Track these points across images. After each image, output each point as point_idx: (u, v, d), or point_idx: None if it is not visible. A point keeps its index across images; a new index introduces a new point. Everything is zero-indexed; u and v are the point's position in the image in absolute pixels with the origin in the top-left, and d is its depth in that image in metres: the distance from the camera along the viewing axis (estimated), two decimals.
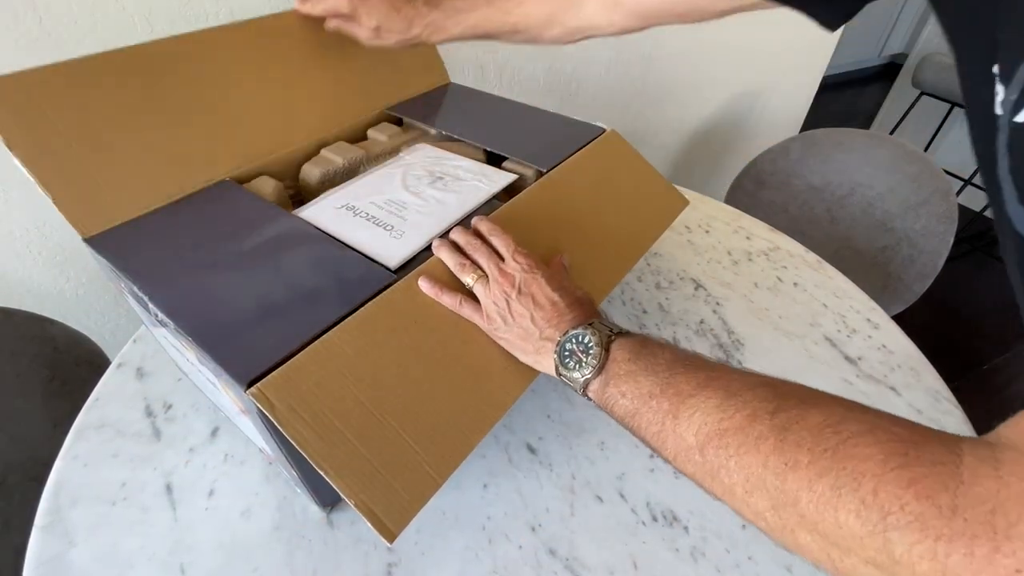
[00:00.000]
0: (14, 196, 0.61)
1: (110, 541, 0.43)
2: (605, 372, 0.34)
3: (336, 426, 0.32)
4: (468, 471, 0.47)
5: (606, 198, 0.54)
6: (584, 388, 0.35)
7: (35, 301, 0.68)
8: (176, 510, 0.45)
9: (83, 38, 0.56)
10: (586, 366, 0.35)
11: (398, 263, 0.42)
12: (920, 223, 0.90)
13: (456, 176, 0.52)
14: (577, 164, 0.54)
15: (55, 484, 0.47)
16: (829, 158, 1.02)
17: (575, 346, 0.36)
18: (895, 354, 0.58)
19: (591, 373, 0.34)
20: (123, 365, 0.57)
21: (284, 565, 0.41)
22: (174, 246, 0.43)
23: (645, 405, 0.32)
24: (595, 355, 0.35)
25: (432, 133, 0.61)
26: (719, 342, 0.59)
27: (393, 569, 0.41)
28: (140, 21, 0.59)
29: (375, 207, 0.48)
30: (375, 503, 0.31)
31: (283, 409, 0.32)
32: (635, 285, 0.66)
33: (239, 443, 0.49)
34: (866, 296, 0.65)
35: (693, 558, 0.42)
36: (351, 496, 0.30)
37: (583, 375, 0.35)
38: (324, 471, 0.30)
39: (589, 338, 0.35)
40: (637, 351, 0.34)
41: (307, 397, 0.33)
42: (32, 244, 0.65)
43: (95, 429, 0.51)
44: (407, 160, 0.55)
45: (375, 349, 0.36)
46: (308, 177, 0.53)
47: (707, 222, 0.77)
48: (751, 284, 0.67)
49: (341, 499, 0.45)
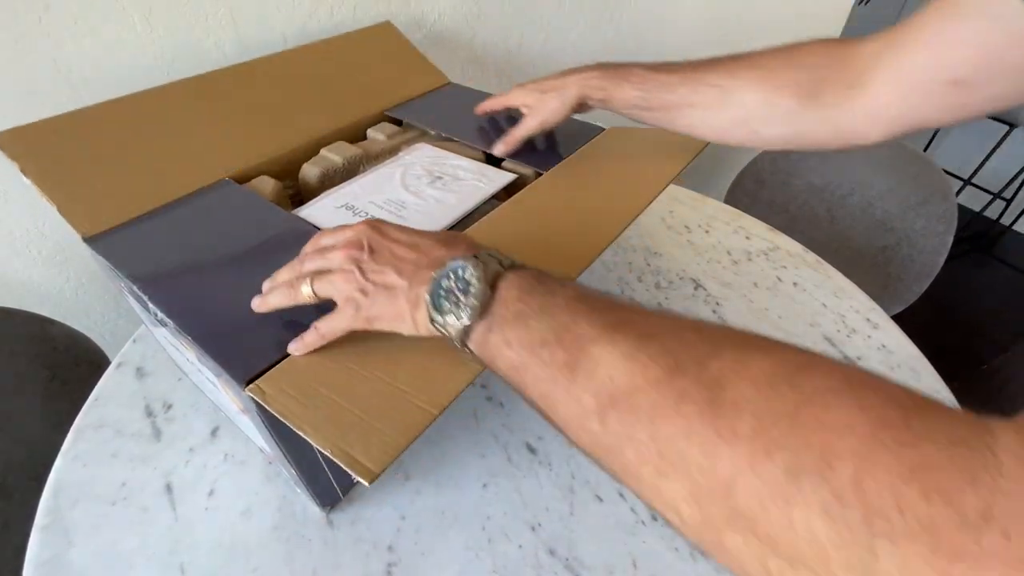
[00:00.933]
0: (13, 196, 0.61)
1: (110, 541, 0.43)
2: (490, 315, 0.27)
3: (322, 393, 0.31)
4: (467, 471, 0.47)
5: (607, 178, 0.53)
6: (463, 338, 0.27)
7: (35, 301, 0.68)
8: (176, 510, 0.45)
9: (83, 38, 0.56)
10: (464, 308, 0.27)
11: None
12: (920, 223, 0.90)
13: (455, 176, 0.52)
14: (576, 161, 0.54)
15: (55, 484, 0.47)
16: (829, 158, 1.02)
17: (453, 283, 0.28)
18: (895, 354, 0.58)
19: (470, 317, 0.27)
20: (123, 365, 0.57)
21: (284, 565, 0.41)
22: (174, 246, 0.43)
23: (534, 356, 0.25)
24: (477, 293, 0.27)
25: (432, 133, 0.61)
26: None
27: (393, 569, 0.41)
28: (140, 21, 0.59)
29: (375, 207, 0.48)
30: (353, 446, 0.29)
31: (276, 395, 0.31)
32: (635, 285, 0.66)
33: (239, 443, 0.49)
34: (866, 296, 0.65)
35: (693, 557, 0.42)
36: (327, 446, 0.28)
37: (460, 320, 0.27)
38: (302, 431, 0.29)
39: (471, 272, 0.27)
40: (530, 287, 0.27)
41: (305, 389, 0.32)
42: (32, 244, 0.65)
43: (95, 429, 0.51)
44: (407, 160, 0.55)
45: (372, 337, 0.36)
46: (308, 177, 0.53)
47: (707, 222, 0.77)
48: (751, 284, 0.67)
49: (341, 499, 0.45)
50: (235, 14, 0.64)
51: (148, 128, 0.50)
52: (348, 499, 0.45)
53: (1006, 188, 1.78)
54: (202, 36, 0.63)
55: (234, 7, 0.64)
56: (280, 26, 0.68)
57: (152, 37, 0.60)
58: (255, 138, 0.53)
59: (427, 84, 0.68)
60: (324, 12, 0.71)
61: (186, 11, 0.61)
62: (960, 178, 1.84)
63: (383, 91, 0.64)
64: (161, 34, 0.61)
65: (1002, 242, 1.96)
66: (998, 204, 1.84)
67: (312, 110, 0.58)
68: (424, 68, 0.69)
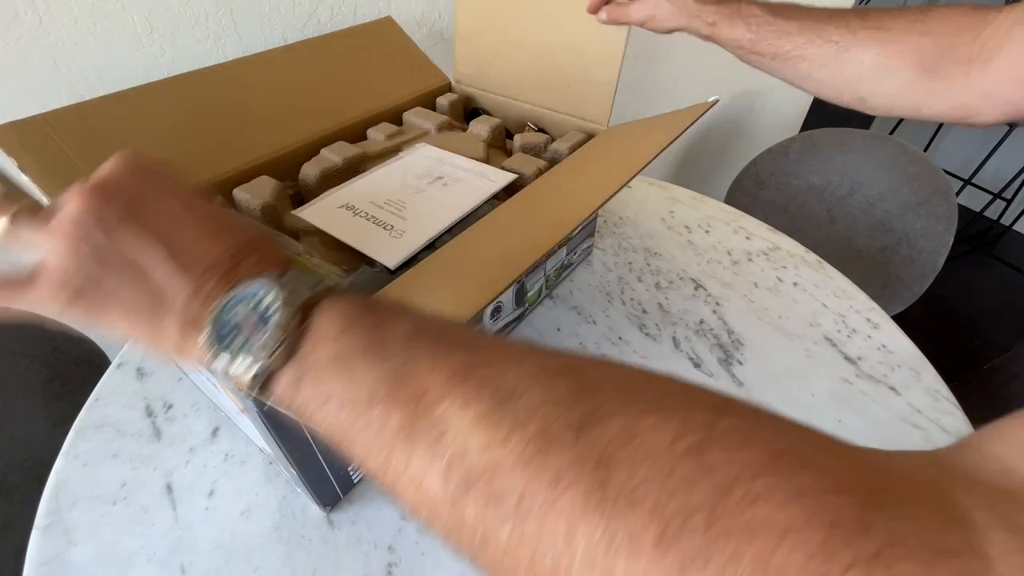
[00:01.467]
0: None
1: (110, 541, 0.43)
2: (298, 359, 0.20)
3: None
4: None
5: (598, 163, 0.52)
6: (259, 386, 0.20)
7: None
8: (176, 510, 0.45)
9: (83, 38, 0.56)
10: (260, 349, 0.19)
11: (397, 263, 0.42)
12: (920, 223, 0.90)
13: (456, 176, 0.52)
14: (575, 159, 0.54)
15: (55, 484, 0.47)
16: (829, 158, 1.02)
17: (246, 311, 0.20)
18: (895, 354, 0.58)
19: (268, 358, 0.19)
20: (123, 365, 0.57)
21: (284, 565, 0.41)
22: None
23: (362, 419, 0.18)
24: (278, 326, 0.19)
25: (432, 132, 0.61)
26: (719, 342, 0.59)
27: (393, 569, 0.41)
28: (140, 21, 0.59)
29: (375, 207, 0.48)
30: None
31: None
32: (635, 285, 0.66)
33: (239, 443, 0.49)
34: (866, 296, 0.65)
35: None
36: None
37: (256, 363, 0.19)
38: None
39: (271, 297, 0.20)
40: (354, 318, 0.20)
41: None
42: None
43: (95, 429, 0.51)
44: (407, 160, 0.55)
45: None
46: (308, 177, 0.53)
47: (707, 222, 0.77)
48: (751, 284, 0.67)
49: (341, 499, 0.45)
50: (235, 14, 0.64)
51: (147, 124, 0.49)
52: (348, 499, 0.45)
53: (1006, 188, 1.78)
54: (202, 36, 0.63)
55: (234, 7, 0.64)
56: (280, 27, 0.68)
57: (152, 37, 0.60)
58: (255, 138, 0.53)
59: (428, 84, 0.68)
60: (324, 13, 0.71)
61: (186, 11, 0.61)
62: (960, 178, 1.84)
63: (384, 90, 0.64)
64: (161, 34, 0.61)
65: (1002, 242, 1.96)
66: (998, 204, 1.84)
67: (312, 110, 0.58)
68: (425, 67, 0.69)
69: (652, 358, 0.57)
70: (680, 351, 0.58)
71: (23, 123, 0.44)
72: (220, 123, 0.52)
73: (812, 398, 0.52)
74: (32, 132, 0.44)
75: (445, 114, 0.65)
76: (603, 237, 0.73)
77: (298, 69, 0.60)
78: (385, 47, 0.68)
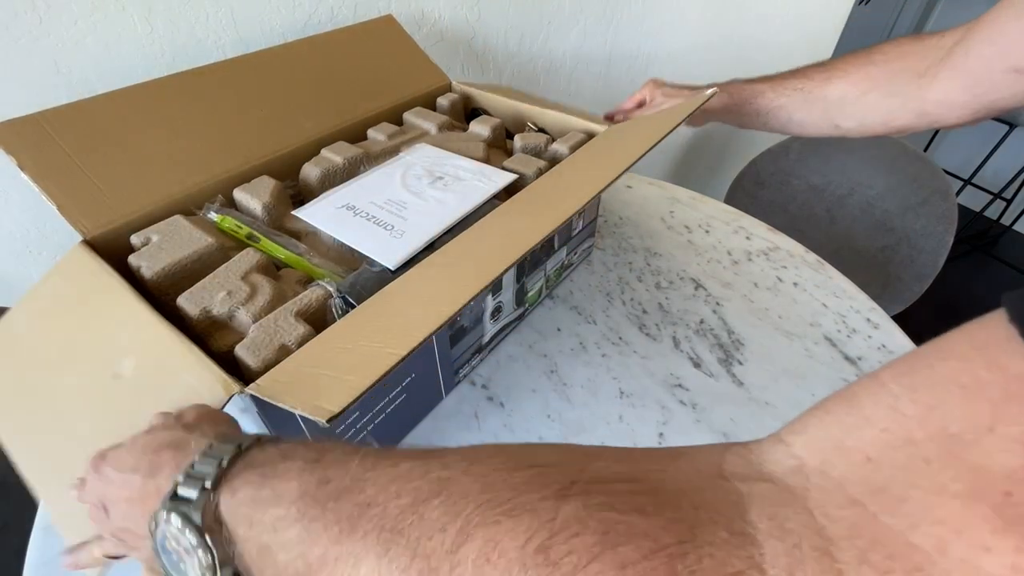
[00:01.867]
0: (14, 197, 0.61)
1: None
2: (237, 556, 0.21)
3: (309, 372, 0.32)
4: None
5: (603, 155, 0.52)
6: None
7: None
8: None
9: (83, 38, 0.56)
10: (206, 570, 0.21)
11: (398, 263, 0.42)
12: (920, 223, 0.90)
13: (456, 176, 0.52)
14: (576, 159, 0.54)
15: None
16: (829, 158, 1.02)
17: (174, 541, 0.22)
18: (895, 354, 0.58)
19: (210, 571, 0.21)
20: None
21: None
22: None
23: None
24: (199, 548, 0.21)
25: (432, 132, 0.61)
26: (719, 342, 0.59)
27: None
28: (140, 21, 0.59)
29: (375, 207, 0.48)
30: (321, 398, 0.29)
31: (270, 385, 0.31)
32: (635, 285, 0.66)
33: None
34: (866, 296, 0.65)
35: None
36: (298, 405, 0.29)
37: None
38: (285, 403, 0.30)
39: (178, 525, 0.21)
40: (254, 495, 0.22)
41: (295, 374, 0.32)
42: (32, 244, 0.65)
43: None
44: (407, 160, 0.55)
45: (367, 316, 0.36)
46: (308, 177, 0.53)
47: (707, 222, 0.77)
48: (751, 284, 0.67)
49: None
50: (235, 14, 0.64)
51: (147, 122, 0.49)
52: None
53: (1006, 188, 1.78)
54: (202, 36, 0.63)
55: (234, 7, 0.64)
56: (280, 26, 0.68)
57: (152, 37, 0.60)
58: (255, 138, 0.53)
59: (428, 83, 0.68)
60: (325, 12, 0.70)
61: (186, 11, 0.61)
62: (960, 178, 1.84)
63: (384, 90, 0.64)
64: (161, 34, 0.60)
65: (1002, 242, 1.96)
66: (998, 204, 1.84)
67: (313, 110, 0.58)
68: (425, 66, 0.69)
69: (652, 358, 0.57)
70: (680, 351, 0.58)
71: (21, 121, 0.44)
72: (220, 122, 0.52)
73: (812, 398, 0.52)
74: (31, 130, 0.44)
75: (445, 114, 0.65)
76: (603, 237, 0.73)
77: (298, 68, 0.60)
78: (386, 46, 0.68)
